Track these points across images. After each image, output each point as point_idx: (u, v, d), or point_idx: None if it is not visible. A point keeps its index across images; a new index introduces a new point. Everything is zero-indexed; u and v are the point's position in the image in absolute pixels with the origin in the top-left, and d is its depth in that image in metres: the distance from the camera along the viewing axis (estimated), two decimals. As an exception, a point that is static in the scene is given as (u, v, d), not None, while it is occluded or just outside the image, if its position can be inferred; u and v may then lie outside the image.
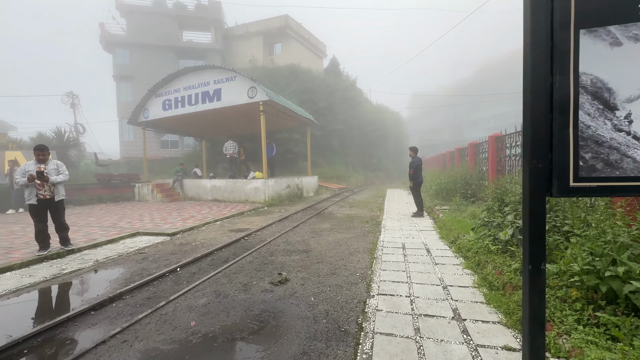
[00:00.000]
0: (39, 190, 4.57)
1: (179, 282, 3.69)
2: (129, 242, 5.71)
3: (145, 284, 3.59)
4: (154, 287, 3.54)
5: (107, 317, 2.83)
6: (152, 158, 22.33)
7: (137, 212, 9.38)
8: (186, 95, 12.56)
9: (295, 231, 6.41)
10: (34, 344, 2.41)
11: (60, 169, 4.85)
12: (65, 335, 2.54)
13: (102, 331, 2.58)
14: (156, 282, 3.70)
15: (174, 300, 3.13)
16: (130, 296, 3.29)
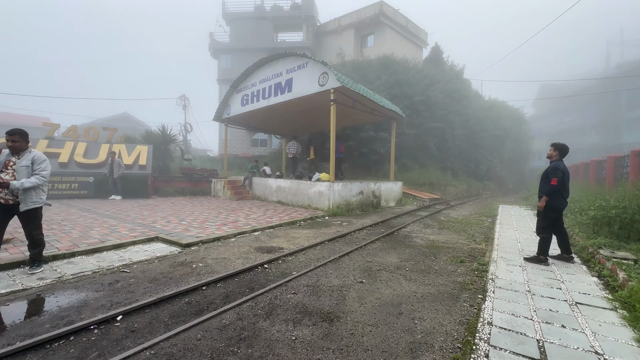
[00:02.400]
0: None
1: (82, 354, 2.11)
2: (135, 250, 4.67)
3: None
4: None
5: None
6: (243, 155, 23.51)
7: (195, 208, 8.88)
8: (261, 89, 11.85)
9: (341, 264, 4.26)
10: None
11: (35, 166, 3.53)
12: None
13: None
14: (52, 346, 2.22)
15: None
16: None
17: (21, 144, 3.53)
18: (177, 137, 17.10)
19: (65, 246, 4.45)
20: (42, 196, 3.65)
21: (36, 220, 3.64)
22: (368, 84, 17.70)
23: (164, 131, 16.15)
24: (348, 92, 9.36)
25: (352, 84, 9.22)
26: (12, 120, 23.58)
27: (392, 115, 12.13)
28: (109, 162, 11.14)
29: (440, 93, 19.42)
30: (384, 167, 16.71)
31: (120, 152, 12.55)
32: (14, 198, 3.49)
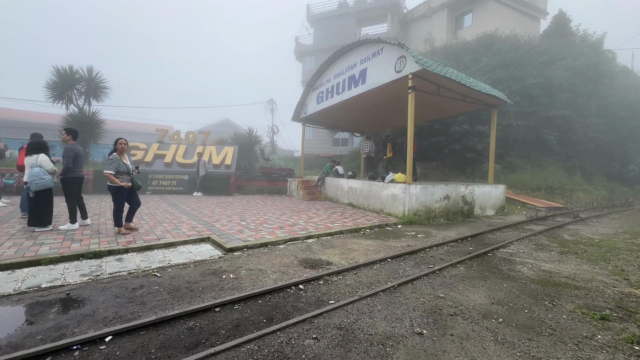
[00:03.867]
0: None
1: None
2: (181, 250, 4.56)
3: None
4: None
5: None
6: (325, 155, 23.53)
7: (263, 208, 8.84)
8: (335, 84, 11.25)
9: (398, 297, 3.14)
10: None
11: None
12: None
13: None
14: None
15: None
16: None
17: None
18: (262, 138, 18.11)
19: (125, 241, 4.65)
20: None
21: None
22: (463, 69, 15.13)
23: (250, 133, 17.28)
24: (431, 77, 7.80)
25: (435, 67, 7.64)
26: (140, 128, 29.50)
27: (492, 101, 9.76)
28: (196, 162, 12.33)
29: (566, 72, 15.10)
30: (482, 167, 13.95)
31: (211, 153, 13.86)
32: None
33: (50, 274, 3.46)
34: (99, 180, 11.35)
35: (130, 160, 5.43)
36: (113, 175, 4.98)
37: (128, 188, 5.18)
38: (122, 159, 5.16)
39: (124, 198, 5.17)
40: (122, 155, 5.23)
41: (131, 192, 5.31)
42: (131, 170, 5.26)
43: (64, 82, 13.24)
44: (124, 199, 5.18)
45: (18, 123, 22.84)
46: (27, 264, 3.63)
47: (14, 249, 4.05)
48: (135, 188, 5.30)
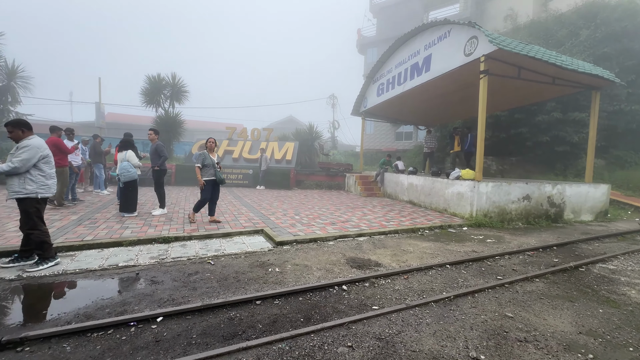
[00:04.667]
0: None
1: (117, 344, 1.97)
2: (236, 241, 4.80)
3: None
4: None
5: None
6: (386, 150, 22.67)
7: (319, 203, 8.87)
8: (396, 74, 10.62)
9: (453, 310, 2.75)
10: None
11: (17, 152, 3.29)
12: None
13: None
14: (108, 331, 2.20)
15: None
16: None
17: (16, 133, 3.37)
18: (322, 133, 18.28)
19: (190, 229, 5.11)
20: (26, 186, 3.30)
21: (24, 213, 3.35)
22: (555, 46, 12.84)
23: (311, 129, 17.57)
24: (509, 57, 6.72)
25: (514, 45, 6.55)
26: (214, 127, 32.47)
27: (594, 82, 7.99)
28: (259, 157, 13.02)
29: None
30: (578, 163, 11.70)
31: (273, 149, 14.51)
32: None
33: (127, 254, 3.97)
34: (180, 174, 12.89)
35: (217, 157, 5.89)
36: (200, 169, 5.52)
37: (212, 182, 5.61)
38: (209, 155, 5.63)
39: (210, 191, 5.63)
40: (211, 152, 5.71)
41: (215, 185, 5.73)
42: (215, 165, 5.67)
43: (153, 88, 15.37)
44: (210, 192, 5.64)
45: (122, 125, 27.45)
46: (112, 245, 4.24)
47: (106, 231, 4.79)
48: (219, 181, 5.70)
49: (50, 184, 3.53)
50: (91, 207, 6.85)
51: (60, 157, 6.24)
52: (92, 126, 21.98)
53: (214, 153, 5.79)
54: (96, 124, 20.29)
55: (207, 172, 5.58)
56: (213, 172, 5.61)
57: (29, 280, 3.16)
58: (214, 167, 5.62)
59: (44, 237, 3.44)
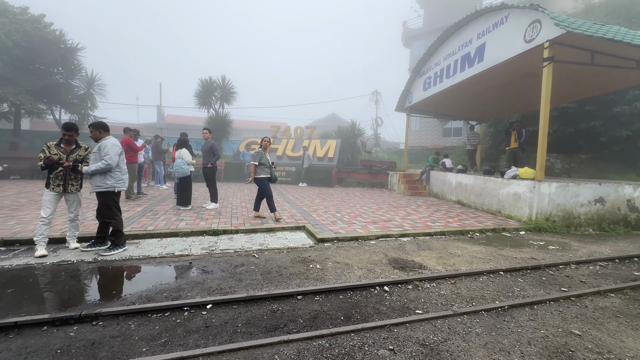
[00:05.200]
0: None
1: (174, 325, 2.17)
2: (279, 236, 4.95)
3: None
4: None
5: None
6: (433, 147, 21.61)
7: (361, 201, 8.76)
8: (445, 67, 10.04)
9: (508, 322, 2.52)
10: None
11: (102, 153, 3.77)
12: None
13: None
14: (168, 313, 2.43)
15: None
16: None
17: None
18: (364, 130, 18.01)
19: (237, 223, 5.39)
20: (107, 181, 3.80)
21: (103, 205, 3.83)
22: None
23: (353, 126, 17.41)
24: (580, 41, 5.93)
25: (587, 27, 5.77)
26: (259, 126, 33.77)
27: (693, 65, 6.70)
28: (302, 155, 13.24)
29: None
30: (667, 161, 9.95)
31: (315, 147, 14.67)
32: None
33: (182, 244, 4.32)
34: (229, 170, 13.68)
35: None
36: (255, 166, 5.74)
37: (267, 180, 5.84)
38: (265, 154, 5.83)
39: (269, 187, 5.84)
40: (266, 151, 5.92)
41: (269, 183, 5.94)
42: (270, 164, 5.87)
43: (205, 91, 16.49)
44: (270, 188, 5.84)
45: (179, 125, 29.93)
46: (169, 235, 4.64)
47: (164, 222, 5.26)
48: (272, 180, 5.92)
49: (125, 179, 4.00)
50: (152, 200, 7.58)
51: (131, 155, 7.03)
52: (153, 127, 24.34)
53: (267, 152, 5.99)
54: (157, 125, 22.39)
55: (262, 170, 5.77)
56: (269, 170, 5.82)
57: (102, 263, 3.60)
58: (269, 167, 5.84)
59: (119, 227, 3.92)
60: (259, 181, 5.80)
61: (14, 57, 12.09)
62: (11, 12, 12.16)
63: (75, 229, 4.02)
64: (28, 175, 11.56)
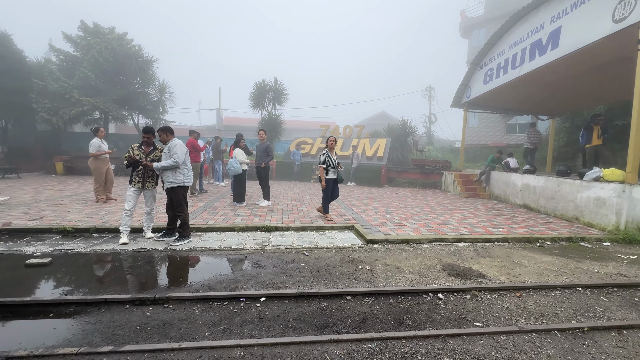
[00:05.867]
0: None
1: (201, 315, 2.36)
2: (328, 235, 4.99)
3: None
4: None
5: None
6: (494, 145, 19.86)
7: (412, 202, 8.41)
8: (510, 57, 9.12)
9: (591, 345, 2.20)
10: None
11: (171, 152, 4.22)
12: (63, 321, 2.35)
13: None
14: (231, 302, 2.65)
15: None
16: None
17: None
18: (416, 128, 17.25)
19: (288, 221, 5.58)
20: (177, 177, 4.24)
21: (175, 199, 4.28)
22: None
23: (404, 124, 16.79)
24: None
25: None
26: (309, 125, 34.29)
27: None
28: (350, 154, 13.16)
29: None
30: None
31: (364, 145, 14.48)
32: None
33: (238, 239, 4.62)
34: (280, 169, 14.23)
35: (337, 156, 6.04)
36: (323, 169, 5.77)
37: (333, 181, 5.85)
38: (331, 155, 5.80)
39: (330, 189, 5.82)
40: (332, 151, 5.86)
41: (335, 184, 5.92)
42: (336, 164, 5.85)
43: (259, 93, 17.34)
44: (330, 189, 5.83)
45: (235, 126, 32.01)
46: (227, 229, 5.00)
47: (223, 217, 5.68)
48: (339, 180, 5.89)
49: (190, 175, 4.47)
50: (212, 196, 8.23)
51: (195, 155, 7.73)
52: (213, 129, 26.40)
53: (333, 152, 5.95)
54: (216, 127, 24.24)
55: (329, 172, 5.78)
56: (335, 171, 5.81)
57: (171, 252, 4.01)
58: (336, 168, 5.80)
59: (186, 219, 4.35)
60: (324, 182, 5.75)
61: (104, 70, 14.10)
62: (102, 33, 14.20)
63: (150, 220, 4.55)
64: (115, 172, 13.43)
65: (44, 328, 2.31)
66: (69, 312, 2.51)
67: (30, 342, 2.12)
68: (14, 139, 14.93)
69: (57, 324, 2.36)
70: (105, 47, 13.83)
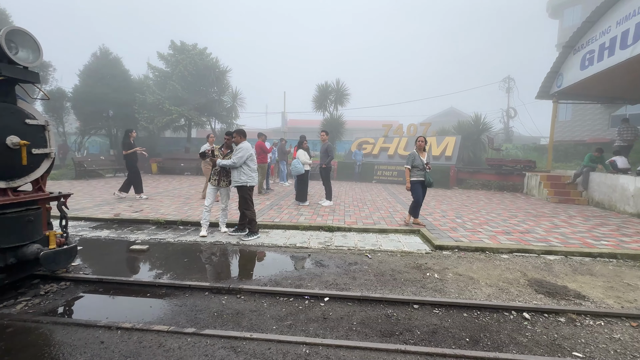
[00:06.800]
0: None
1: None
2: (392, 238, 4.79)
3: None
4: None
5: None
6: (594, 141, 16.77)
7: (486, 206, 7.57)
8: (618, 34, 7.60)
9: None
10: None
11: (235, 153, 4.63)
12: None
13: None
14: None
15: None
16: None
17: (236, 139, 4.73)
18: (492, 124, 15.55)
19: (350, 221, 5.54)
20: (241, 177, 4.58)
21: (242, 199, 4.68)
22: None
23: (477, 120, 15.29)
24: None
25: None
26: (368, 125, 33.53)
27: None
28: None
29: None
30: None
31: (431, 144, 13.59)
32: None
33: (302, 237, 4.75)
34: (341, 170, 14.30)
35: (428, 156, 5.37)
36: (409, 170, 5.26)
37: (421, 183, 5.22)
38: (419, 155, 5.30)
39: (420, 192, 5.24)
40: (421, 151, 5.36)
41: (422, 187, 5.30)
42: (424, 165, 5.23)
43: (321, 95, 17.69)
44: (420, 193, 5.24)
45: (299, 128, 33.29)
46: (291, 227, 5.19)
47: (287, 215, 5.92)
48: (426, 183, 5.25)
49: (254, 176, 4.74)
50: (278, 195, 8.67)
51: (262, 156, 8.26)
52: (278, 131, 27.88)
53: (424, 152, 5.39)
54: (281, 129, 25.54)
55: (415, 173, 5.25)
56: (422, 173, 5.24)
57: (242, 246, 4.33)
58: (424, 168, 5.25)
59: (253, 217, 4.66)
60: (412, 185, 5.27)
61: (188, 82, 16.03)
62: (187, 49, 16.18)
63: (224, 216, 4.99)
64: (195, 172, 15.14)
65: (143, 306, 2.70)
66: (161, 294, 2.88)
67: (133, 316, 2.49)
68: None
69: (152, 302, 2.74)
70: (189, 62, 15.71)
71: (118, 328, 2.27)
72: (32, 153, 2.84)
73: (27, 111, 2.87)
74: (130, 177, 7.63)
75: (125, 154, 7.50)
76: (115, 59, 16.10)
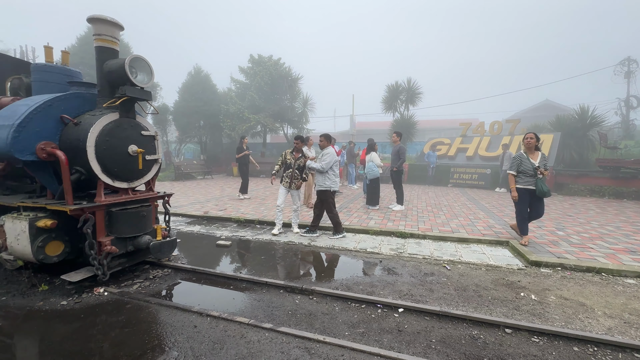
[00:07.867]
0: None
1: (351, 324, 2.40)
2: (474, 249, 4.29)
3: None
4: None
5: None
6: None
7: (599, 217, 6.21)
8: None
9: None
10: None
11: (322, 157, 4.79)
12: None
13: (231, 309, 2.64)
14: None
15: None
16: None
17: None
18: (604, 118, 12.83)
19: (424, 228, 5.18)
20: (326, 182, 4.74)
21: (324, 201, 4.80)
22: None
23: (583, 113, 12.81)
24: None
25: None
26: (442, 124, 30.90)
27: None
28: (501, 155, 11.05)
29: None
30: None
31: (520, 144, 11.91)
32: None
33: (372, 242, 4.63)
34: (412, 172, 13.59)
35: (543, 157, 4.31)
36: (514, 177, 4.34)
37: (530, 193, 4.22)
38: (529, 158, 4.26)
39: (525, 203, 4.29)
40: (531, 152, 4.32)
41: (534, 197, 4.27)
42: (535, 169, 4.19)
43: (391, 96, 17.13)
44: (525, 204, 4.30)
45: (367, 131, 32.88)
46: (361, 231, 5.10)
47: (357, 219, 5.85)
48: (538, 193, 4.17)
49: (337, 182, 4.91)
50: (347, 198, 8.67)
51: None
52: (346, 134, 28.03)
53: (535, 153, 4.32)
54: (350, 132, 25.59)
55: (522, 180, 4.27)
56: (532, 180, 4.20)
57: (314, 248, 4.43)
58: (534, 174, 4.19)
59: (336, 219, 4.82)
60: (519, 192, 4.30)
61: (264, 91, 17.37)
62: (264, 61, 17.56)
63: (296, 217, 5.19)
64: (268, 174, 16.27)
65: (226, 296, 2.96)
66: (242, 287, 3.12)
67: (219, 305, 2.75)
68: (210, 150, 20.45)
69: (235, 295, 2.98)
70: (265, 73, 17.02)
71: (208, 315, 2.52)
72: (146, 159, 3.40)
73: (143, 124, 3.44)
74: (242, 178, 8.63)
75: (237, 158, 8.54)
76: (205, 75, 18.42)
